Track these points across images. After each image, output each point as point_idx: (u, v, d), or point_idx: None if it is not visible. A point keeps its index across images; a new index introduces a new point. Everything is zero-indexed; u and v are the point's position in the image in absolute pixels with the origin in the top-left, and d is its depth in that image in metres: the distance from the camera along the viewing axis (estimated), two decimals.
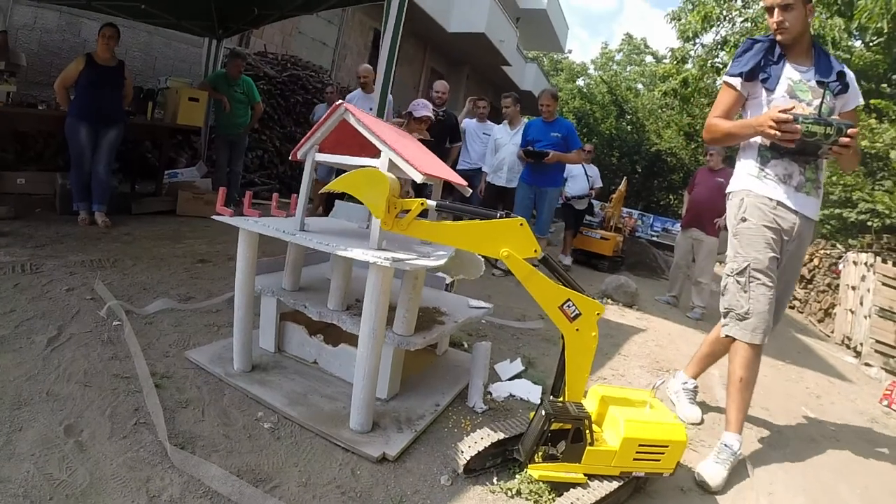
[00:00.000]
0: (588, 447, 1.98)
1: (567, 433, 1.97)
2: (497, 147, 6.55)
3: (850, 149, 2.36)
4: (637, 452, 2.01)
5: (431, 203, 2.01)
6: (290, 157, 2.59)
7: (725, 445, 2.52)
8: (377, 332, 2.09)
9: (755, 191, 2.64)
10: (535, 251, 1.89)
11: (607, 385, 2.42)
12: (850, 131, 2.33)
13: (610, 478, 2.01)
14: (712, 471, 2.42)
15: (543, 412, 1.96)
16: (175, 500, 1.69)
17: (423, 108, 5.38)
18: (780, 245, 2.63)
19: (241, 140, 6.77)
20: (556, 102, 6.09)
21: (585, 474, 2.00)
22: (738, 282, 2.63)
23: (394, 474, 2.03)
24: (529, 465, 2.01)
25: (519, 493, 2.04)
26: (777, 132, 2.36)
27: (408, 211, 1.94)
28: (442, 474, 2.07)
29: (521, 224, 1.88)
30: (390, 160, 2.16)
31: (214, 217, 2.42)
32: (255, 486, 1.81)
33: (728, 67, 2.75)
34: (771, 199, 2.60)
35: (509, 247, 1.89)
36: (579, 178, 8.18)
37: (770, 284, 2.60)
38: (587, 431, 1.97)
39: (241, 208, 2.50)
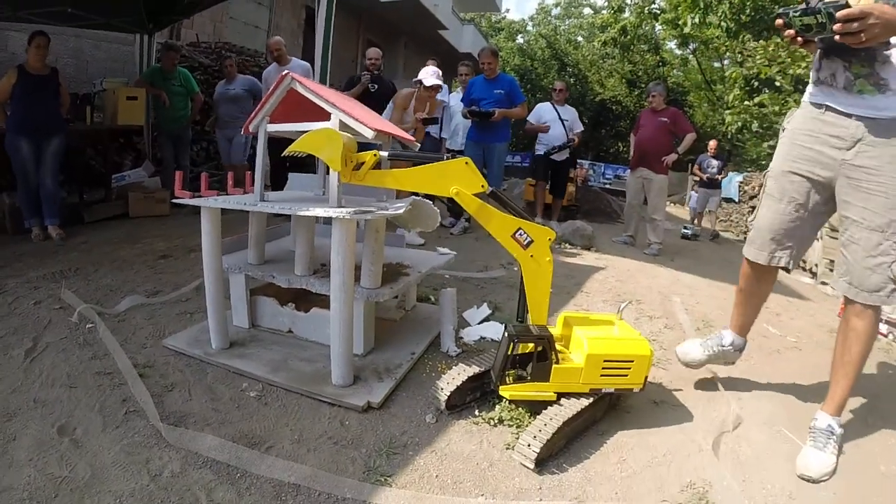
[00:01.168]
0: (555, 365, 2.10)
1: (534, 355, 2.11)
2: (451, 114, 6.62)
3: (856, 36, 1.85)
4: (603, 369, 2.13)
5: (383, 154, 2.15)
6: (241, 132, 2.64)
7: (716, 336, 2.68)
8: (347, 284, 2.20)
9: (806, 99, 2.31)
10: (483, 186, 2.04)
11: (575, 313, 2.54)
12: (839, 14, 1.83)
13: (581, 395, 2.13)
14: (692, 351, 2.63)
15: (506, 334, 2.09)
16: (176, 475, 1.77)
17: (432, 77, 5.22)
18: (826, 157, 2.20)
19: (184, 133, 6.68)
20: (497, 59, 6.15)
21: (556, 393, 2.12)
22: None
23: (381, 420, 2.15)
24: (500, 387, 2.13)
25: (501, 420, 2.18)
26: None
27: (363, 163, 2.07)
28: (426, 414, 2.21)
29: (467, 163, 2.03)
30: (341, 121, 2.26)
31: (175, 200, 2.48)
32: (250, 449, 1.90)
33: None
34: (819, 106, 2.23)
35: (458, 184, 2.05)
36: (553, 124, 7.22)
37: (779, 197, 2.35)
38: (551, 350, 2.09)
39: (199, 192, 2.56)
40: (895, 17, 1.83)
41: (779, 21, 2.03)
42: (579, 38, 28.04)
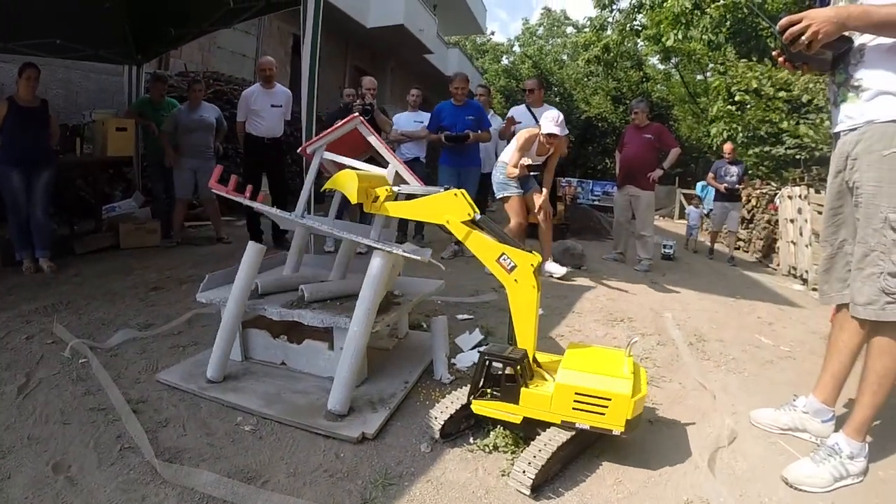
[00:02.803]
0: (524, 389, 2.10)
1: (505, 375, 2.14)
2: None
3: (800, 41, 1.94)
4: (575, 402, 2.06)
5: (396, 189, 2.51)
6: (297, 151, 2.98)
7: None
8: (372, 312, 2.32)
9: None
10: (469, 214, 2.21)
11: (582, 344, 2.52)
12: (779, 25, 1.98)
13: (555, 426, 2.09)
14: None
15: (479, 352, 2.17)
16: None
17: (551, 123, 4.90)
18: (844, 186, 2.20)
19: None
20: (468, 85, 6.24)
21: (526, 417, 2.11)
22: None
23: (376, 451, 2.15)
24: (472, 401, 2.17)
25: (496, 447, 2.19)
26: None
27: (378, 197, 2.45)
28: (421, 443, 2.21)
29: (456, 194, 2.26)
30: (396, 171, 2.64)
31: (213, 190, 2.75)
32: (246, 484, 1.90)
33: None
34: (834, 137, 2.26)
35: (449, 214, 2.27)
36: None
37: (822, 243, 2.38)
38: (519, 373, 2.10)
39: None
40: (831, 12, 1.90)
41: (775, 52, 2.16)
42: (564, 57, 28.36)
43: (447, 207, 2.27)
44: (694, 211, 9.33)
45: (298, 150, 2.90)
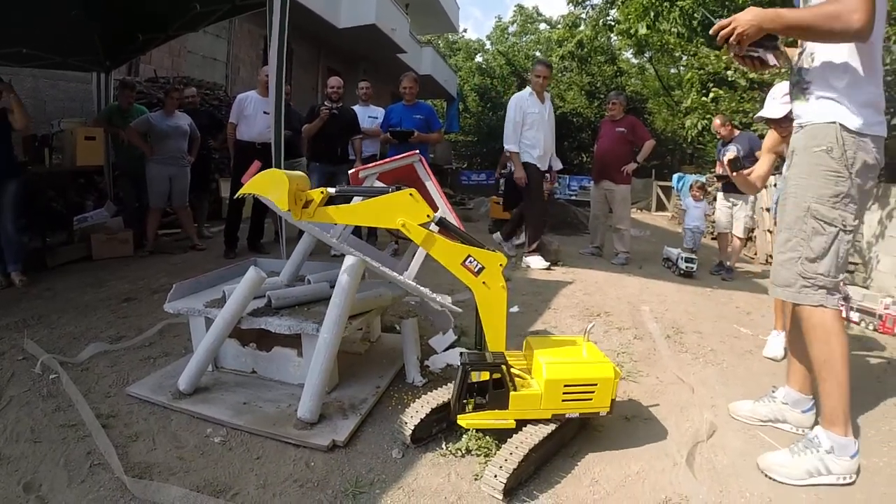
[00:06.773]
0: (512, 393, 2.08)
1: (492, 382, 2.09)
2: (530, 122, 6.40)
3: (728, 44, 2.06)
4: (564, 394, 2.09)
5: (331, 190, 2.19)
6: (350, 172, 2.94)
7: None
8: (342, 319, 2.29)
9: None
10: (428, 216, 2.08)
11: (539, 336, 2.52)
12: (711, 31, 2.08)
13: (546, 421, 2.11)
14: None
15: (460, 364, 2.08)
16: None
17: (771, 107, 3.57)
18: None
19: (144, 172, 6.61)
20: (418, 85, 6.23)
21: (518, 420, 2.10)
22: None
23: (347, 458, 2.13)
24: (458, 417, 2.11)
25: (468, 450, 2.18)
26: None
27: (311, 200, 2.10)
28: (392, 449, 2.19)
29: (411, 194, 2.08)
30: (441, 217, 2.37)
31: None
32: (215, 497, 1.88)
33: None
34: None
35: (404, 216, 2.07)
36: None
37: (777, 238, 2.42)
38: (507, 377, 2.08)
39: None
40: (751, 15, 2.00)
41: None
42: (537, 54, 28.43)
43: (401, 209, 2.07)
44: (694, 207, 7.02)
45: (351, 173, 2.92)
